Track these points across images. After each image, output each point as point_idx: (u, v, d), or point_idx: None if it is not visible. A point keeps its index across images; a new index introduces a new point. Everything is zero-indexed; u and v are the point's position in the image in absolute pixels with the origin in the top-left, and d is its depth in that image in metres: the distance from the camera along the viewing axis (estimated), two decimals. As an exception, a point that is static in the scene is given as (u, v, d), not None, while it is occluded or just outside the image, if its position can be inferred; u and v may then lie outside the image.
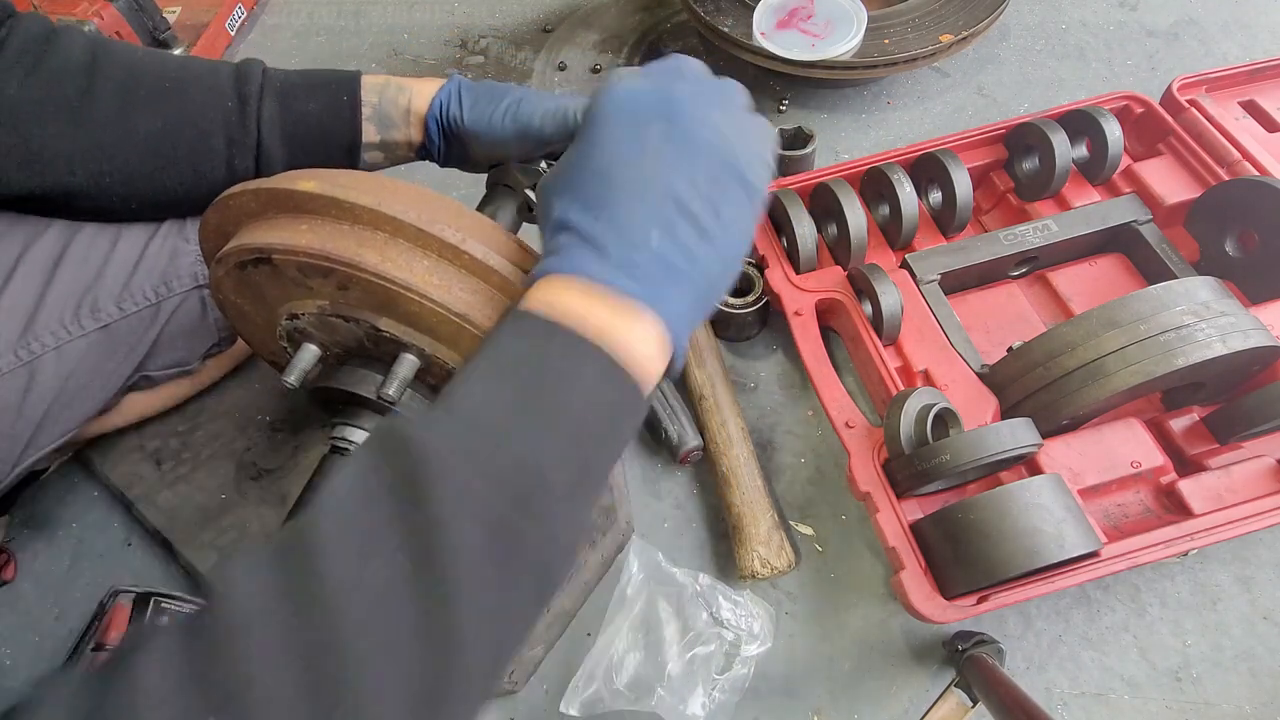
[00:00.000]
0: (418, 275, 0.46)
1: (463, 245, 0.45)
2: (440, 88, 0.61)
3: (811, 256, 0.81)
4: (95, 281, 0.63)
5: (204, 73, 0.60)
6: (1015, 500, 0.58)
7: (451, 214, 0.47)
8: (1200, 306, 0.63)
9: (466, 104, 0.59)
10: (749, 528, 0.71)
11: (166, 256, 0.66)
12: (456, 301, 0.46)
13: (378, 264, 0.46)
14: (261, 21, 1.35)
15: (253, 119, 0.59)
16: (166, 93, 0.59)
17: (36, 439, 0.63)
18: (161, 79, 0.59)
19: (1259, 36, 1.12)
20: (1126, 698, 0.65)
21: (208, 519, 0.75)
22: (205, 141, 0.60)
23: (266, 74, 0.61)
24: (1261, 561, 0.70)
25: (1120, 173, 0.85)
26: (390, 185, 0.48)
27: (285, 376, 0.53)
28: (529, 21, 1.29)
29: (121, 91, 0.58)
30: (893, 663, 0.68)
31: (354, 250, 0.46)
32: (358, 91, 0.61)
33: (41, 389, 0.62)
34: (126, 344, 0.66)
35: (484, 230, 0.47)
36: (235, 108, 0.59)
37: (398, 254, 0.46)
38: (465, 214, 0.48)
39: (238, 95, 0.59)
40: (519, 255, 0.48)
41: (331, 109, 0.60)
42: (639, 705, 0.64)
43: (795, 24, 1.00)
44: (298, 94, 0.60)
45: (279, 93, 0.60)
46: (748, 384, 0.85)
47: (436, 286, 0.46)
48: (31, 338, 0.61)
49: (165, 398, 0.77)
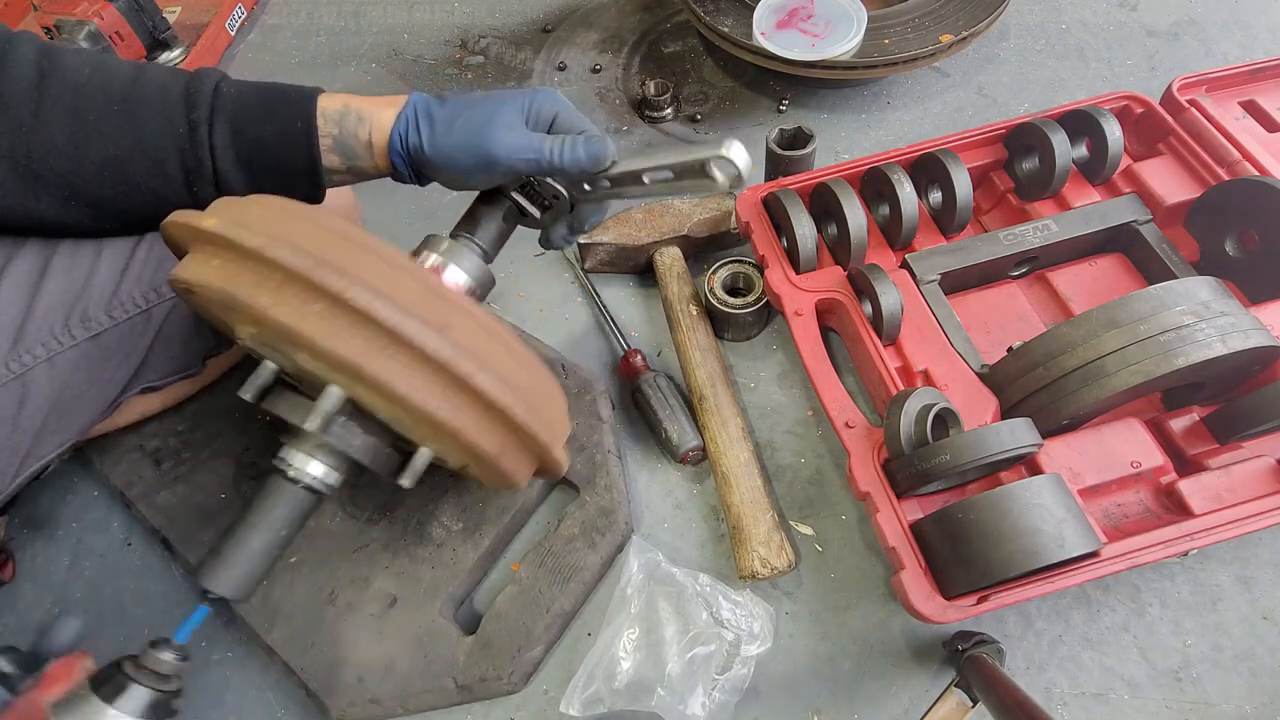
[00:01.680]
0: (308, 322, 0.45)
1: (345, 293, 0.44)
2: (398, 115, 0.58)
3: (811, 256, 0.81)
4: (83, 291, 0.63)
5: (154, 93, 0.58)
6: (1015, 500, 0.58)
7: (349, 257, 0.46)
8: (1200, 306, 0.63)
9: (425, 134, 0.57)
10: (749, 528, 0.71)
11: (155, 263, 0.66)
12: (346, 349, 0.45)
13: (269, 308, 0.45)
14: (261, 21, 1.35)
15: (204, 147, 0.58)
16: (116, 116, 0.57)
17: (35, 450, 0.63)
18: (110, 102, 0.57)
19: (1259, 36, 1.12)
20: (1126, 698, 0.65)
21: (207, 519, 0.75)
22: (161, 168, 0.58)
23: (218, 94, 0.58)
24: (1261, 561, 0.70)
25: (1120, 173, 0.85)
26: (295, 223, 0.47)
27: (242, 391, 0.54)
28: (529, 21, 1.29)
29: (71, 117, 0.57)
30: (893, 663, 0.68)
31: (249, 292, 0.46)
32: (312, 118, 0.58)
33: (36, 401, 0.61)
34: (120, 352, 0.65)
35: (380, 274, 0.46)
36: (186, 134, 0.57)
37: (290, 297, 0.45)
38: (366, 256, 0.47)
39: (188, 121, 0.57)
40: (421, 297, 0.47)
41: (286, 135, 0.58)
42: (639, 705, 0.64)
43: (795, 24, 1.00)
44: (251, 118, 0.58)
45: (230, 117, 0.58)
46: (748, 384, 0.85)
47: (325, 333, 0.45)
48: (22, 350, 0.60)
49: (165, 397, 0.77)
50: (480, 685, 0.65)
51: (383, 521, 0.73)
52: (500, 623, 0.68)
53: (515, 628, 0.67)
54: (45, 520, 0.82)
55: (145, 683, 0.49)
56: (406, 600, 0.69)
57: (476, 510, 0.73)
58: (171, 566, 0.77)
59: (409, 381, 0.47)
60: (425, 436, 0.54)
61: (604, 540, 0.71)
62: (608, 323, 0.88)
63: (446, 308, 0.48)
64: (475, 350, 0.48)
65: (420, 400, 0.47)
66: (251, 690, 0.71)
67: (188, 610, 0.57)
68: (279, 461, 0.55)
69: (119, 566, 0.78)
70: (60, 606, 0.76)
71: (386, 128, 0.58)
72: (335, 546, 0.72)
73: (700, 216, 0.91)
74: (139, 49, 1.17)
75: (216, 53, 1.26)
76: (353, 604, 0.69)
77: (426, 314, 0.46)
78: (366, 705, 0.65)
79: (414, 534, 0.72)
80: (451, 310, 0.48)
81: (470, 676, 0.65)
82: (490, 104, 0.58)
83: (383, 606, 0.69)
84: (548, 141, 0.57)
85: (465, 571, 0.70)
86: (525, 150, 0.56)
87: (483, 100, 0.58)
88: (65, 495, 0.83)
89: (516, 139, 0.56)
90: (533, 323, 0.91)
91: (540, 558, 0.71)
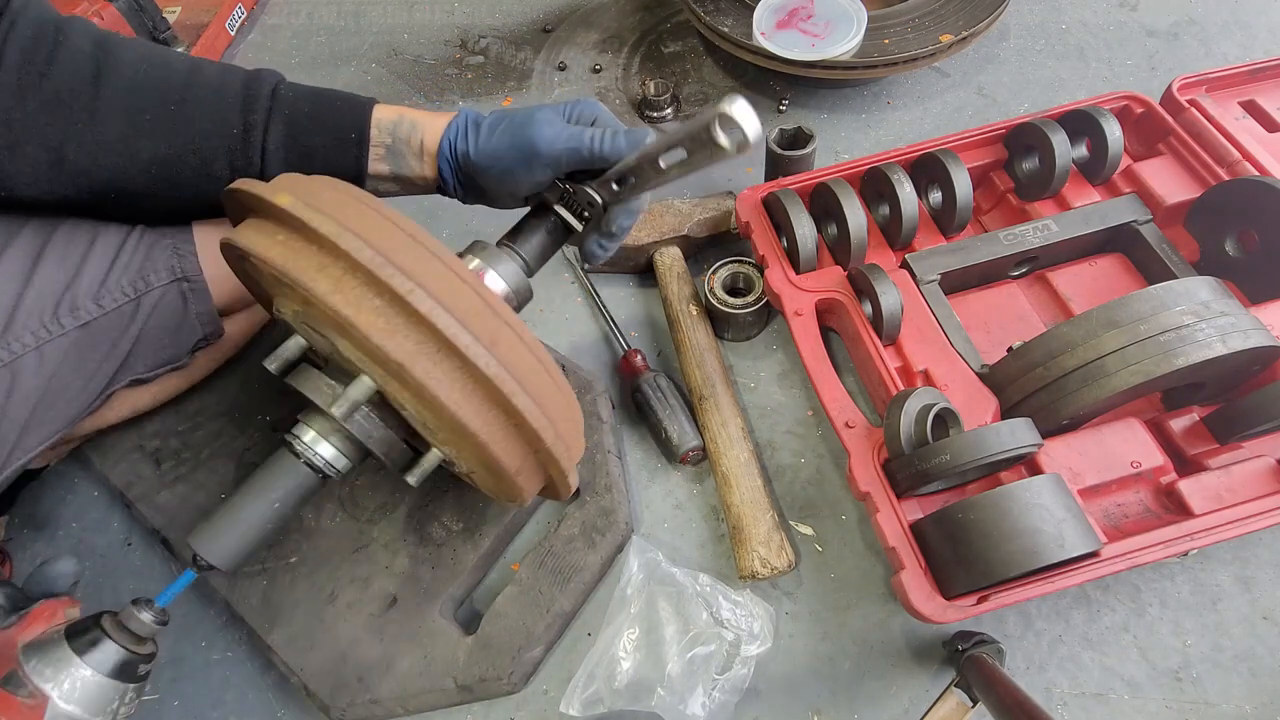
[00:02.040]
0: (364, 315, 0.45)
1: (409, 296, 0.44)
2: (450, 122, 0.60)
3: (811, 256, 0.81)
4: (73, 280, 0.63)
5: (209, 93, 0.58)
6: (1015, 500, 0.58)
7: (416, 259, 0.46)
8: (1200, 306, 0.63)
9: (472, 139, 0.59)
10: (749, 528, 0.71)
11: (144, 251, 0.66)
12: (397, 349, 0.46)
13: (327, 294, 0.45)
14: (261, 21, 1.35)
15: (256, 150, 0.58)
16: (172, 116, 0.58)
17: (23, 442, 0.62)
18: (165, 101, 0.58)
19: (1259, 36, 1.12)
20: (1126, 698, 0.65)
21: (208, 519, 0.75)
22: (208, 168, 0.59)
23: (276, 98, 0.59)
24: (1261, 561, 0.70)
25: (1120, 173, 0.85)
26: (366, 215, 0.47)
27: (267, 361, 0.54)
28: (529, 21, 1.29)
29: (125, 115, 0.57)
30: (893, 663, 0.68)
31: (310, 275, 0.46)
32: (366, 128, 0.59)
33: (24, 390, 0.61)
34: (108, 341, 0.65)
35: (442, 282, 0.46)
36: (240, 135, 0.58)
37: (351, 288, 0.46)
38: (432, 261, 0.47)
39: (243, 123, 0.58)
40: (477, 309, 0.47)
41: (339, 147, 0.59)
42: (639, 705, 0.64)
43: (795, 24, 1.00)
44: (305, 125, 0.59)
45: (287, 122, 0.59)
46: (748, 384, 0.85)
47: (380, 330, 0.45)
48: (11, 338, 0.60)
49: (157, 393, 0.77)
50: (480, 685, 0.65)
51: (383, 521, 0.73)
52: (500, 623, 0.68)
53: (515, 628, 0.67)
54: (45, 520, 0.82)
55: (119, 640, 0.49)
56: (406, 600, 0.69)
57: (477, 510, 0.73)
58: (171, 566, 0.77)
59: (450, 390, 0.47)
60: (445, 440, 0.54)
61: (604, 540, 0.71)
62: (608, 323, 0.88)
63: (498, 323, 0.48)
64: (518, 369, 0.48)
65: (456, 409, 0.47)
66: (251, 690, 0.71)
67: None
68: (290, 436, 0.55)
69: (119, 566, 0.78)
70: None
71: (438, 134, 0.60)
72: (335, 546, 0.72)
73: (700, 216, 0.91)
74: (139, 49, 1.17)
75: (216, 53, 1.26)
76: (353, 604, 0.69)
77: (479, 327, 0.47)
78: (366, 705, 0.65)
79: (414, 534, 0.72)
80: (502, 327, 0.48)
81: (470, 676, 0.65)
82: (533, 108, 0.60)
83: (383, 606, 0.69)
84: (588, 131, 0.57)
85: (465, 571, 0.71)
86: (566, 139, 0.57)
87: (523, 108, 0.60)
88: (65, 495, 0.83)
89: (557, 130, 0.57)
90: (533, 322, 0.91)
91: (540, 558, 0.71)
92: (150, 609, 0.51)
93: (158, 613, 0.51)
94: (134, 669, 0.50)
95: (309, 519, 0.74)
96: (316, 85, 0.62)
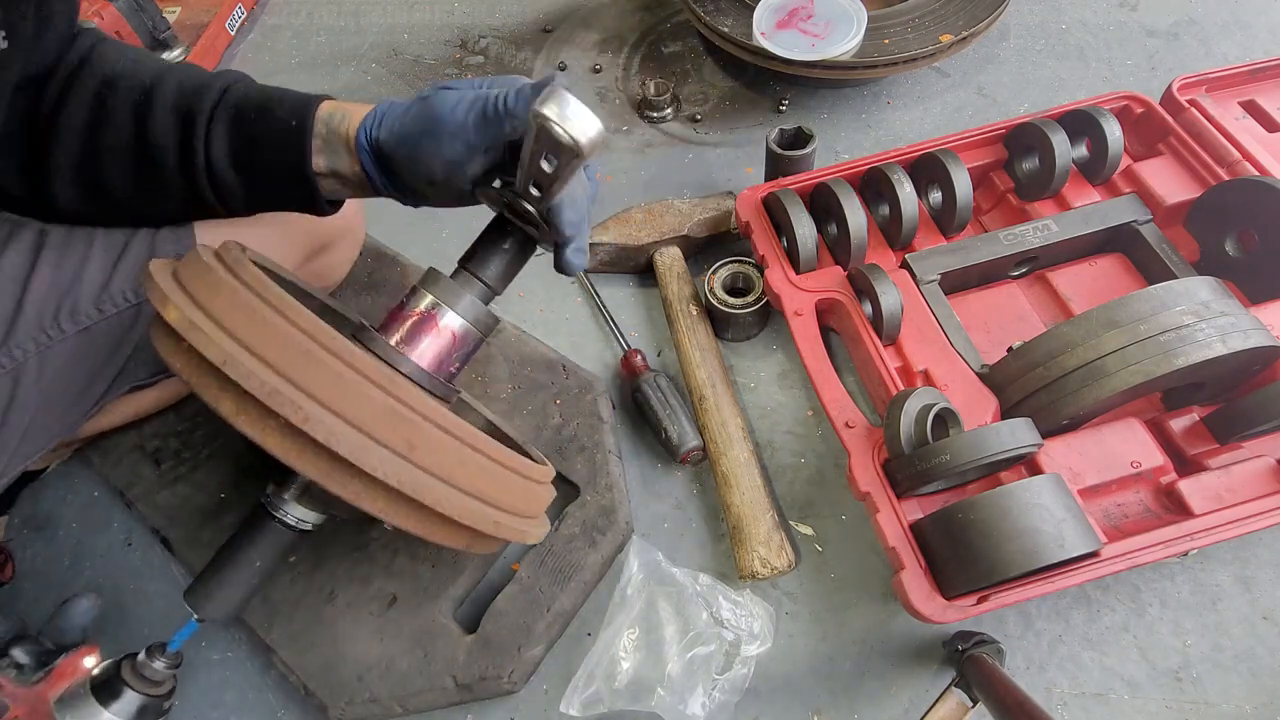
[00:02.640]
0: (270, 439, 0.45)
1: (304, 425, 0.44)
2: (370, 110, 0.56)
3: (811, 256, 0.81)
4: (73, 285, 0.63)
5: (171, 89, 0.58)
6: (1015, 500, 0.58)
7: (314, 373, 0.45)
8: (1200, 306, 0.63)
9: (385, 123, 0.55)
10: (749, 528, 0.71)
11: (146, 257, 0.65)
12: (309, 468, 0.45)
13: (231, 416, 0.46)
14: (261, 21, 1.35)
15: (200, 139, 0.57)
16: (131, 108, 0.58)
17: (23, 448, 0.62)
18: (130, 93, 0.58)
19: (1259, 36, 1.12)
20: (1126, 698, 0.65)
21: (207, 519, 0.75)
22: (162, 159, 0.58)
23: (227, 92, 0.58)
24: (1261, 561, 0.70)
25: (1120, 173, 0.85)
26: (261, 320, 0.46)
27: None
28: (529, 21, 1.29)
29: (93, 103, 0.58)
30: (893, 663, 0.68)
31: (213, 395, 0.46)
32: (307, 119, 0.56)
33: (25, 396, 0.61)
34: (108, 346, 0.65)
35: (344, 394, 0.45)
36: (188, 126, 0.57)
37: (252, 412, 0.45)
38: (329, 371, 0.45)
39: (191, 113, 0.57)
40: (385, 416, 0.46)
41: (278, 133, 0.57)
42: (639, 705, 0.64)
43: (795, 24, 1.00)
44: (249, 115, 0.57)
45: (231, 114, 0.57)
46: (748, 384, 0.85)
47: (290, 452, 0.45)
48: (13, 344, 0.60)
49: (159, 396, 0.77)
50: (480, 684, 0.65)
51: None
52: (500, 622, 0.68)
53: (515, 627, 0.67)
54: (45, 520, 0.82)
55: (137, 688, 0.54)
56: (406, 600, 0.69)
57: (476, 510, 0.73)
58: (171, 566, 0.77)
59: (374, 501, 0.47)
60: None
61: (604, 540, 0.71)
62: (608, 323, 0.88)
63: (410, 427, 0.47)
64: (443, 467, 0.48)
65: (385, 516, 0.48)
66: (251, 690, 0.71)
67: (188, 611, 0.57)
68: (265, 499, 0.57)
69: (119, 566, 0.78)
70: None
71: (359, 119, 0.56)
72: (335, 546, 0.72)
73: (700, 216, 0.91)
74: (139, 49, 1.17)
75: (217, 53, 1.26)
76: (352, 603, 0.69)
77: (391, 436, 0.46)
78: (366, 704, 0.65)
79: (414, 534, 0.72)
80: (419, 426, 0.47)
81: (470, 676, 0.65)
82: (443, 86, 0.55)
83: (383, 606, 0.69)
84: (491, 91, 0.51)
85: (465, 571, 0.71)
86: (470, 102, 0.51)
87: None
88: (65, 495, 0.83)
89: (461, 93, 0.52)
90: (533, 323, 0.91)
91: (540, 557, 0.71)
92: (163, 655, 0.55)
93: (171, 658, 0.56)
94: (157, 708, 0.55)
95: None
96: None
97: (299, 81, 1.21)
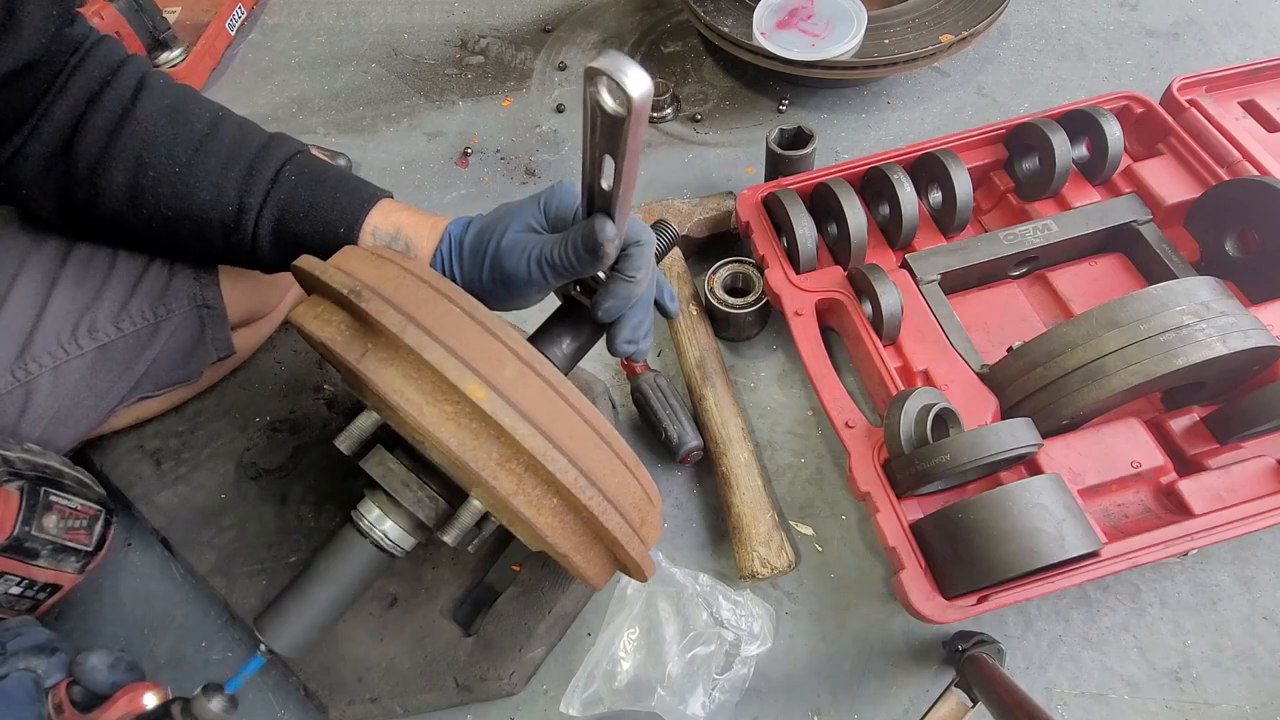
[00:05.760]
0: (502, 478, 0.44)
1: (525, 441, 0.42)
2: (435, 250, 0.56)
3: (811, 256, 0.81)
4: (94, 302, 0.63)
5: (215, 164, 0.57)
6: (1015, 500, 0.58)
7: (488, 359, 0.43)
8: (1200, 306, 0.63)
9: (458, 270, 0.56)
10: (749, 528, 0.71)
11: (165, 277, 0.66)
12: (501, 485, 0.44)
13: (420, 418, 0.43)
14: (261, 21, 1.35)
15: (248, 233, 0.58)
16: (174, 181, 0.57)
17: None
18: (175, 158, 0.57)
19: (1259, 36, 1.12)
20: (1126, 698, 0.65)
21: (207, 519, 0.75)
22: (203, 236, 0.59)
23: (278, 181, 0.57)
24: (1261, 561, 0.70)
25: (1120, 173, 0.85)
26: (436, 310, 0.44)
27: (338, 441, 0.52)
28: (529, 21, 1.29)
29: (137, 166, 0.57)
30: (893, 663, 0.68)
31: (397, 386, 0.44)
32: (356, 227, 0.57)
33: (38, 409, 0.61)
34: (123, 363, 0.65)
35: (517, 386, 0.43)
36: (234, 214, 0.58)
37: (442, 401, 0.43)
38: (508, 361, 0.44)
39: (239, 204, 0.57)
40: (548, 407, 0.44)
41: (326, 239, 0.57)
42: (639, 705, 0.64)
43: (795, 24, 1.00)
44: (298, 214, 0.57)
45: (281, 208, 0.57)
46: (748, 384, 0.85)
47: (486, 468, 0.44)
48: (29, 358, 0.60)
49: (163, 402, 0.77)
50: (480, 685, 0.65)
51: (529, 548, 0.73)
52: (501, 623, 0.68)
53: (516, 628, 0.67)
54: (45, 520, 0.82)
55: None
56: (406, 600, 0.69)
57: (477, 510, 0.73)
58: (171, 566, 0.77)
59: (550, 524, 0.46)
60: (530, 540, 0.55)
61: (604, 540, 0.71)
62: (608, 323, 0.88)
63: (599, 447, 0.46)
64: (608, 484, 0.46)
65: (555, 539, 0.46)
66: (251, 690, 0.71)
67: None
68: (359, 517, 0.53)
69: (119, 566, 0.78)
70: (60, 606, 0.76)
71: (428, 254, 0.57)
72: (335, 546, 0.72)
73: (700, 216, 0.91)
74: (138, 49, 1.17)
75: (217, 53, 1.25)
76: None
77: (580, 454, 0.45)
78: (366, 705, 0.65)
79: (414, 534, 0.72)
80: (599, 448, 0.46)
81: (470, 676, 0.65)
82: (506, 218, 0.54)
83: (383, 606, 0.69)
84: (556, 248, 0.50)
85: (465, 571, 0.70)
86: (536, 262, 0.51)
87: (501, 214, 0.55)
88: (65, 495, 0.83)
89: (529, 253, 0.52)
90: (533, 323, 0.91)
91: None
92: (219, 696, 0.49)
93: (227, 700, 0.49)
94: None
95: (308, 518, 0.74)
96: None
97: (299, 81, 1.21)
